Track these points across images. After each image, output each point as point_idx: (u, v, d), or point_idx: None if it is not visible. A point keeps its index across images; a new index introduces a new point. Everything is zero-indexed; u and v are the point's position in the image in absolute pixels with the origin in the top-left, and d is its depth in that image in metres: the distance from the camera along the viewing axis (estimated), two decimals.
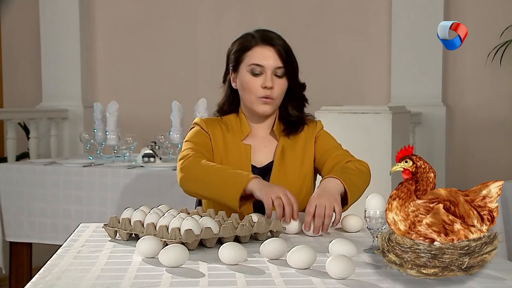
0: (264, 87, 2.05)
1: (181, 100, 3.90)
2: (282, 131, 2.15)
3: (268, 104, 2.07)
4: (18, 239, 3.62)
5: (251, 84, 2.06)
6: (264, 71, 2.05)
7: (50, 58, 5.47)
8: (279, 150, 2.12)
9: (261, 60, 2.05)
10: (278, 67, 2.05)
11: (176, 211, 1.78)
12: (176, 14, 5.35)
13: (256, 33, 2.10)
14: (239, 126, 2.14)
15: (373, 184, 3.17)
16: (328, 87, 4.87)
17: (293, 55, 2.10)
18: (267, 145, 2.15)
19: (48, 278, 1.35)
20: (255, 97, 2.07)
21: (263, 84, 2.04)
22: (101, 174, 3.47)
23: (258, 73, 2.05)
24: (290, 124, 2.16)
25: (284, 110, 2.16)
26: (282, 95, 2.10)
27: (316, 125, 2.19)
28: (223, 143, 2.12)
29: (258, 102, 2.07)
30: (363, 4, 4.87)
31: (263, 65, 2.05)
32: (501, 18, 4.43)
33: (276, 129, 2.16)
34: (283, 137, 2.15)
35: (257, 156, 2.13)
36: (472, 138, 4.59)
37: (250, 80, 2.06)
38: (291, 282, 1.33)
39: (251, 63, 2.06)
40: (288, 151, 2.12)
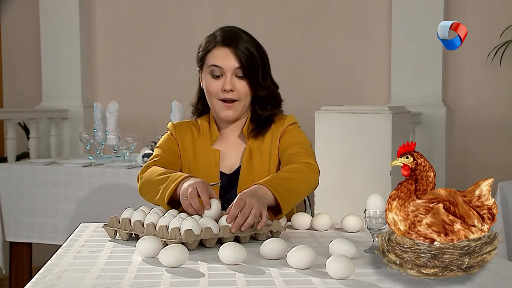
0: (224, 90, 2.00)
1: (181, 100, 3.90)
2: (250, 132, 2.07)
3: (230, 108, 2.02)
4: (18, 239, 3.62)
5: (211, 86, 2.03)
6: (223, 72, 2.01)
7: (50, 58, 5.47)
8: (246, 154, 2.05)
9: (220, 61, 2.01)
10: (237, 68, 2.00)
11: (176, 211, 1.78)
12: (176, 14, 5.34)
13: (218, 33, 2.06)
14: (208, 130, 2.10)
15: (373, 184, 3.19)
16: (328, 87, 4.87)
17: (256, 57, 2.01)
18: (236, 148, 2.09)
19: (48, 278, 1.35)
20: (216, 100, 2.03)
21: (223, 86, 2.00)
22: (101, 174, 3.47)
23: (218, 74, 2.01)
24: (259, 124, 2.08)
25: (254, 111, 2.08)
26: (246, 97, 2.02)
27: (284, 121, 2.08)
28: (193, 148, 2.08)
29: (221, 106, 2.02)
30: (363, 4, 4.87)
31: (221, 66, 2.01)
32: (501, 18, 4.43)
33: (246, 130, 2.09)
34: (251, 139, 2.07)
35: (226, 161, 2.07)
36: (472, 138, 4.59)
37: (210, 82, 2.03)
38: (291, 282, 1.33)
39: (210, 64, 2.03)
40: (255, 154, 2.05)
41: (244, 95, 2.02)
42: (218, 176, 2.03)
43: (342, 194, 3.37)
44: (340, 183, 3.43)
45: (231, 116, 2.03)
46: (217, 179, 2.02)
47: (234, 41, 2.01)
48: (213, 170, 2.04)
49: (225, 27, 2.08)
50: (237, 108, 2.03)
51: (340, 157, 3.51)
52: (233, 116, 2.04)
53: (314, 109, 3.71)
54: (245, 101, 2.03)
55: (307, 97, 4.69)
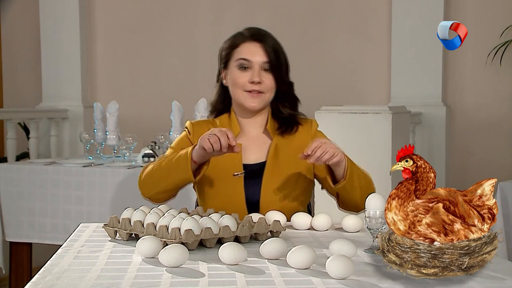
0: (252, 82, 2.07)
1: (181, 100, 3.90)
2: (277, 130, 2.15)
3: (256, 98, 2.08)
4: (18, 239, 3.62)
5: (239, 79, 2.09)
6: (251, 65, 2.08)
7: (50, 58, 5.47)
8: (272, 149, 2.12)
9: (249, 55, 2.08)
10: (265, 62, 2.08)
11: (176, 211, 1.78)
12: (176, 14, 5.34)
13: (245, 31, 2.14)
14: (229, 125, 2.15)
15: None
16: (328, 87, 4.87)
17: (281, 54, 2.12)
18: (259, 143, 2.15)
19: (48, 278, 1.35)
20: (242, 92, 2.09)
21: (251, 79, 2.07)
22: (101, 174, 3.47)
23: (246, 67, 2.08)
24: (284, 122, 2.16)
25: (276, 108, 2.16)
26: (271, 91, 2.11)
27: (312, 124, 2.20)
28: None
29: (247, 96, 2.09)
30: (363, 4, 4.87)
31: (250, 59, 2.08)
32: (501, 18, 4.43)
33: (270, 127, 2.16)
34: (277, 136, 2.14)
35: (250, 155, 2.13)
36: (472, 138, 4.59)
37: (238, 75, 2.09)
38: (291, 282, 1.33)
39: (239, 57, 2.09)
40: (282, 150, 2.12)
41: (270, 88, 2.10)
42: (242, 167, 2.09)
43: None
44: None
45: (256, 107, 2.10)
46: (241, 169, 2.08)
47: (262, 37, 2.11)
48: (236, 162, 2.09)
49: (251, 27, 2.16)
50: (262, 99, 2.10)
51: None
52: (258, 106, 2.10)
53: (314, 109, 3.71)
54: (270, 94, 2.11)
55: (307, 97, 4.66)
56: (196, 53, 5.29)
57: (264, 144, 2.15)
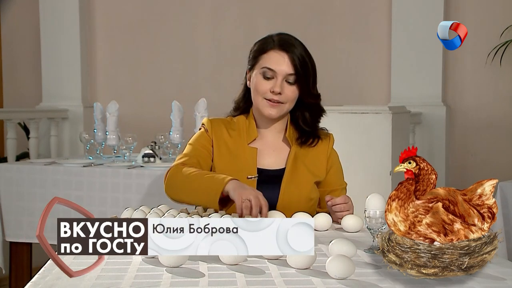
0: (272, 92, 2.04)
1: (181, 100, 3.90)
2: (296, 140, 2.15)
3: (275, 107, 2.06)
4: (18, 239, 3.62)
5: (260, 86, 2.06)
6: (275, 75, 2.05)
7: (50, 58, 5.47)
8: (291, 157, 2.11)
9: (274, 65, 2.05)
10: (290, 74, 2.05)
11: (176, 211, 1.78)
12: (176, 14, 5.35)
13: (276, 37, 2.10)
14: (246, 129, 2.14)
15: (373, 184, 3.17)
16: (328, 87, 4.86)
17: (309, 65, 2.07)
18: (276, 150, 2.15)
19: (48, 278, 1.35)
20: (261, 99, 2.07)
21: (272, 88, 2.05)
22: (101, 174, 3.47)
23: (270, 77, 2.06)
24: (305, 134, 2.15)
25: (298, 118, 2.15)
26: (292, 102, 2.09)
27: (329, 140, 2.20)
28: (228, 145, 2.12)
29: (265, 104, 2.07)
30: (363, 4, 4.87)
31: (275, 69, 2.05)
32: (501, 18, 4.43)
33: (289, 136, 2.15)
34: (296, 146, 2.14)
35: (266, 160, 2.12)
36: (472, 138, 4.59)
37: (261, 82, 2.07)
38: (291, 282, 1.33)
39: (264, 66, 2.06)
40: (300, 161, 2.12)
41: (291, 99, 2.08)
42: (256, 171, 2.08)
43: None
44: None
45: (274, 115, 2.08)
46: (255, 173, 2.07)
47: (291, 46, 2.06)
48: (251, 166, 2.08)
49: (281, 33, 2.12)
50: (281, 109, 2.08)
51: (340, 157, 3.50)
52: (275, 115, 2.08)
53: None
54: (289, 105, 2.09)
55: None
56: (196, 53, 5.29)
57: (282, 151, 2.14)
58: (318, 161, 2.15)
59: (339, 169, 2.23)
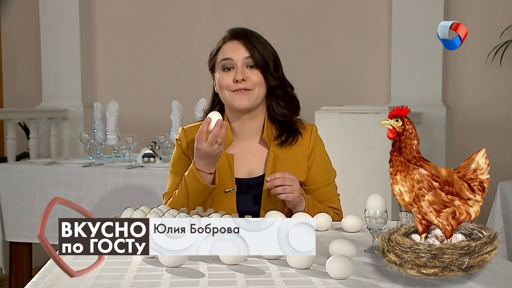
0: (236, 81, 1.98)
1: (181, 100, 3.90)
2: (274, 139, 2.04)
3: (244, 95, 1.98)
4: (18, 239, 3.62)
5: (222, 80, 2.00)
6: (234, 64, 2.00)
7: (50, 58, 5.47)
8: (270, 161, 2.01)
9: (229, 53, 2.00)
10: (247, 57, 1.99)
11: (176, 211, 1.78)
12: (176, 14, 5.35)
13: (226, 32, 2.07)
14: None
15: (373, 184, 3.18)
16: (328, 87, 4.87)
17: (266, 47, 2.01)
18: (255, 154, 2.05)
19: (48, 278, 1.35)
20: (229, 92, 2.00)
21: (235, 78, 1.98)
22: (101, 174, 3.47)
23: (230, 67, 2.00)
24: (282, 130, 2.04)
25: (273, 110, 2.05)
26: (260, 86, 2.00)
27: (311, 133, 2.07)
28: None
29: (234, 96, 1.99)
30: (363, 4, 4.87)
31: (232, 57, 2.00)
32: (501, 18, 4.43)
33: (267, 136, 2.04)
34: (274, 146, 2.03)
35: (245, 167, 2.03)
36: (472, 138, 4.59)
37: (222, 76, 2.01)
38: (291, 282, 1.33)
39: (221, 59, 2.02)
40: (281, 161, 2.02)
41: (258, 83, 1.99)
42: (234, 181, 2.00)
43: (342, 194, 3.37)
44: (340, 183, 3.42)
45: (247, 104, 1.98)
46: (233, 185, 2.00)
47: (242, 34, 2.03)
48: (228, 176, 2.00)
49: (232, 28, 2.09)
50: (251, 96, 1.99)
51: (340, 157, 3.51)
52: (248, 104, 1.98)
53: (314, 109, 3.71)
54: (259, 90, 2.00)
55: (307, 97, 4.68)
56: (196, 53, 5.29)
57: (261, 155, 2.04)
58: (297, 162, 2.03)
59: (322, 162, 2.09)
